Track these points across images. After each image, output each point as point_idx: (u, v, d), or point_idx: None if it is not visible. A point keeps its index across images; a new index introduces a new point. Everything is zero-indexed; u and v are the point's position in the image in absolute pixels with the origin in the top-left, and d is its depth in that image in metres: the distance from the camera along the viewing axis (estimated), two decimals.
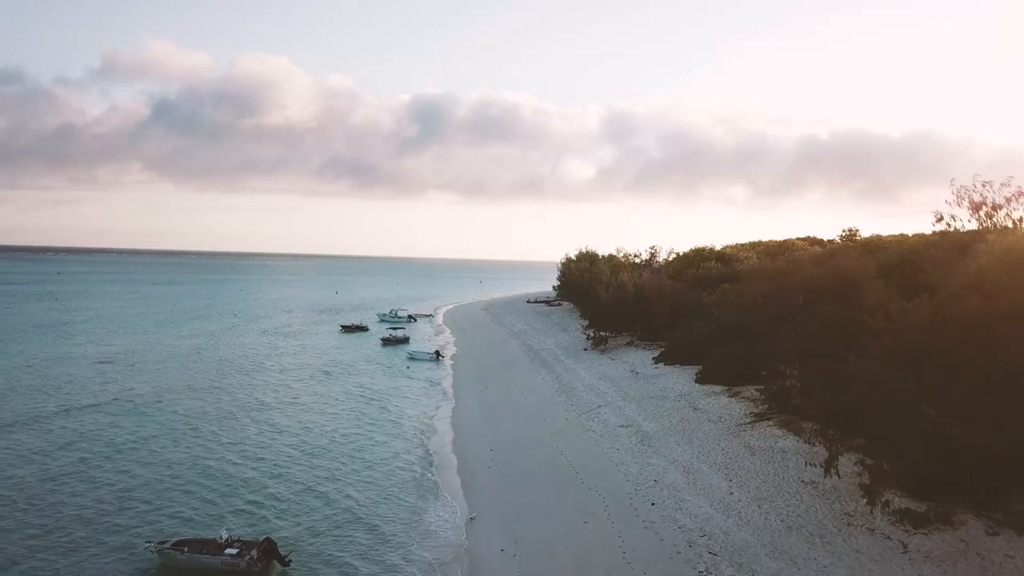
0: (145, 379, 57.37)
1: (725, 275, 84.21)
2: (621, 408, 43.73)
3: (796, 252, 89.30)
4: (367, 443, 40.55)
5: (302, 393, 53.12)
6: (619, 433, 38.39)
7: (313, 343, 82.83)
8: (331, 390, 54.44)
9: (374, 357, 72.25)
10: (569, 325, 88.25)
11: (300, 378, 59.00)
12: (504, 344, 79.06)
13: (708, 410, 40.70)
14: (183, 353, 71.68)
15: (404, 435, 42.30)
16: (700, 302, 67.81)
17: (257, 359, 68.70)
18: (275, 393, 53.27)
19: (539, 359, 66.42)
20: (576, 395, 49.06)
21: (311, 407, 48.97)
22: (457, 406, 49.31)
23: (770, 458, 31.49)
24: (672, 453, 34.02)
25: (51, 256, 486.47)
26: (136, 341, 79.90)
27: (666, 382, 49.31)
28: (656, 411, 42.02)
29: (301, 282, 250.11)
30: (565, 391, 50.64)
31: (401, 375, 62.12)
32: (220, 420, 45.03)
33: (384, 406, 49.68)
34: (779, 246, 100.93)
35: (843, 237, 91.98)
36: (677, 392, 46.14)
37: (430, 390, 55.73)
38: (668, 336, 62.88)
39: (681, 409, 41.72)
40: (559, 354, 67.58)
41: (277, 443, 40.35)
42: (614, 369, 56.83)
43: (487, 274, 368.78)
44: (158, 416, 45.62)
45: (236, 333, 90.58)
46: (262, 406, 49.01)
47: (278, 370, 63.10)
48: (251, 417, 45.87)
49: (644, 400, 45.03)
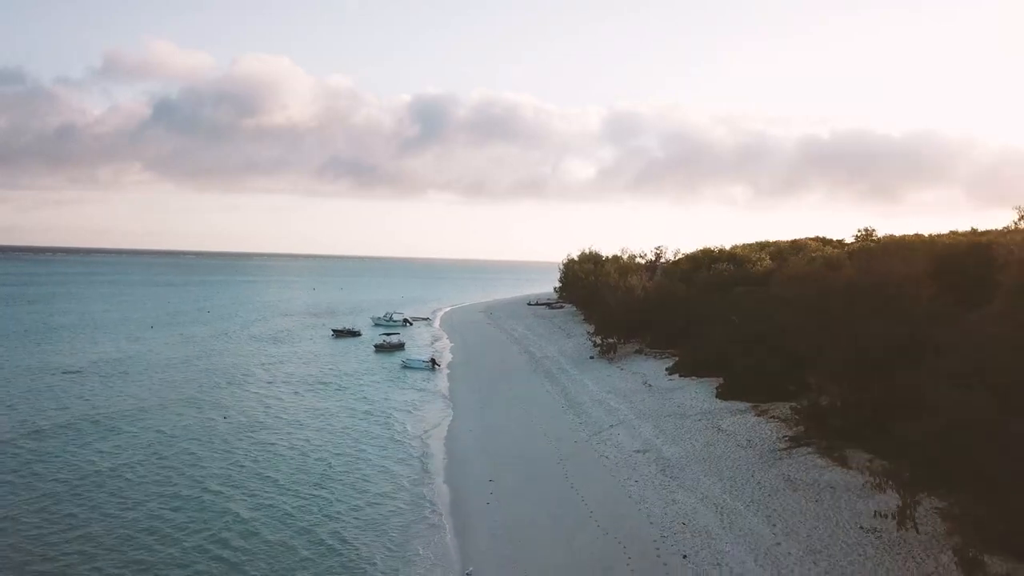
0: (113, 393, 52.74)
1: (738, 277, 79.94)
2: (636, 428, 39.13)
3: (813, 253, 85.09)
4: (349, 472, 35.92)
5: (281, 411, 48.47)
6: (636, 460, 33.78)
7: (302, 350, 78.18)
8: (314, 406, 49.76)
9: (365, 366, 67.63)
10: (573, 330, 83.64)
11: (280, 394, 54.28)
12: (504, 351, 74.47)
13: (735, 431, 36.11)
14: (161, 362, 67.09)
15: (392, 461, 37.66)
16: (714, 307, 63.34)
17: (241, 369, 64.09)
18: (251, 411, 48.67)
19: (542, 368, 61.82)
20: (584, 412, 44.45)
21: (290, 427, 44.33)
22: (453, 424, 44.71)
23: (816, 495, 26.90)
24: (700, 486, 29.43)
25: (49, 256, 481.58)
26: (113, 348, 75.27)
27: (683, 397, 44.72)
28: (676, 432, 37.43)
29: (299, 283, 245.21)
30: (572, 407, 46.03)
31: (393, 387, 57.52)
32: (193, 442, 40.43)
33: (371, 426, 45.06)
34: (791, 246, 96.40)
35: (859, 237, 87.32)
36: (697, 409, 41.56)
37: (424, 405, 51.13)
38: (681, 344, 58.33)
39: (704, 430, 37.13)
40: (563, 363, 62.98)
41: (246, 469, 35.75)
42: (624, 381, 52.24)
43: (487, 275, 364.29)
44: (123, 438, 41.01)
45: (223, 339, 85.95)
46: (239, 427, 44.44)
47: (261, 382, 58.48)
48: (226, 439, 41.30)
49: (661, 418, 40.45)
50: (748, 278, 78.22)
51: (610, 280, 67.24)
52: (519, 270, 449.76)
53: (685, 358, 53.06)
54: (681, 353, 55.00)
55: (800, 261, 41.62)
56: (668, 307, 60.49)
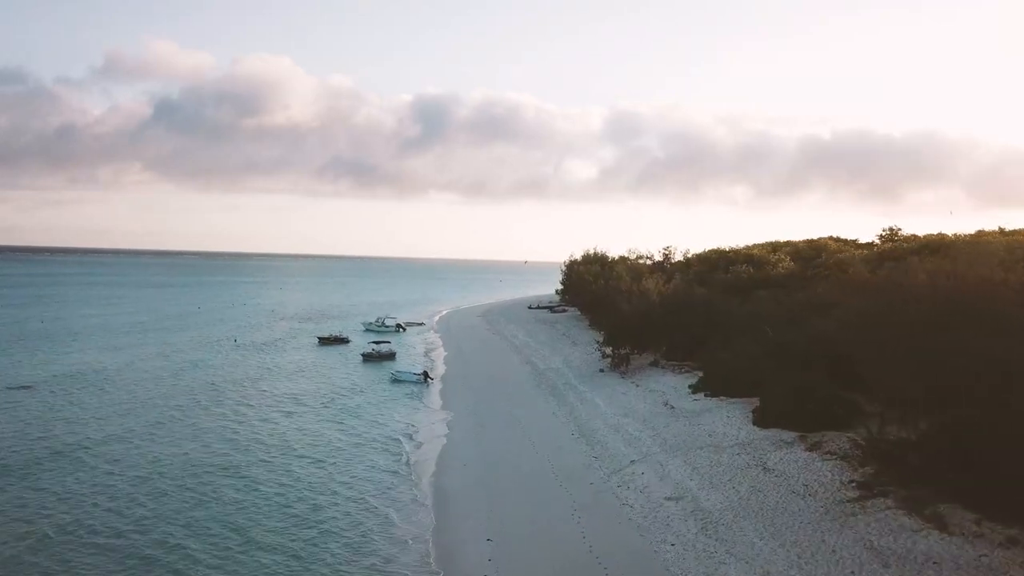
0: (62, 417, 46.22)
1: (757, 280, 73.47)
2: (663, 465, 32.71)
3: (839, 254, 78.58)
4: (315, 525, 29.46)
5: (246, 442, 41.83)
6: (669, 512, 27.38)
7: (284, 361, 71.66)
8: (284, 437, 42.88)
9: (350, 380, 61.12)
10: (578, 337, 77.21)
11: (250, 418, 47.46)
12: (505, 361, 68.05)
13: (786, 472, 29.71)
14: (127, 378, 60.65)
15: (367, 513, 31.17)
16: (737, 314, 56.95)
17: (213, 387, 57.49)
18: (212, 442, 42.20)
19: (547, 383, 55.39)
20: (599, 441, 38.03)
21: (250, 467, 37.83)
22: (444, 455, 38.26)
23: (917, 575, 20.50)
24: (756, 554, 23.03)
25: (48, 257, 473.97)
26: (80, 359, 68.83)
27: (714, 422, 38.32)
28: (712, 471, 31.03)
29: (296, 284, 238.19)
30: (584, 434, 39.61)
31: (379, 406, 51.02)
32: (148, 483, 33.99)
33: (351, 456, 38.58)
34: (808, 246, 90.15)
35: (884, 237, 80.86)
36: (733, 439, 35.16)
37: (412, 428, 44.69)
38: (702, 356, 51.96)
39: (747, 469, 30.72)
40: (570, 377, 56.54)
41: (209, 517, 29.33)
42: (641, 400, 45.85)
43: (487, 275, 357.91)
44: (64, 478, 34.56)
45: (203, 348, 79.38)
46: (196, 465, 38.05)
47: (232, 402, 51.87)
48: (184, 476, 34.95)
49: (691, 451, 34.04)
50: (768, 281, 72.09)
51: (622, 284, 60.78)
52: (519, 270, 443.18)
53: (711, 374, 46.61)
54: (706, 368, 48.57)
55: (858, 265, 34.88)
56: (687, 314, 54.06)
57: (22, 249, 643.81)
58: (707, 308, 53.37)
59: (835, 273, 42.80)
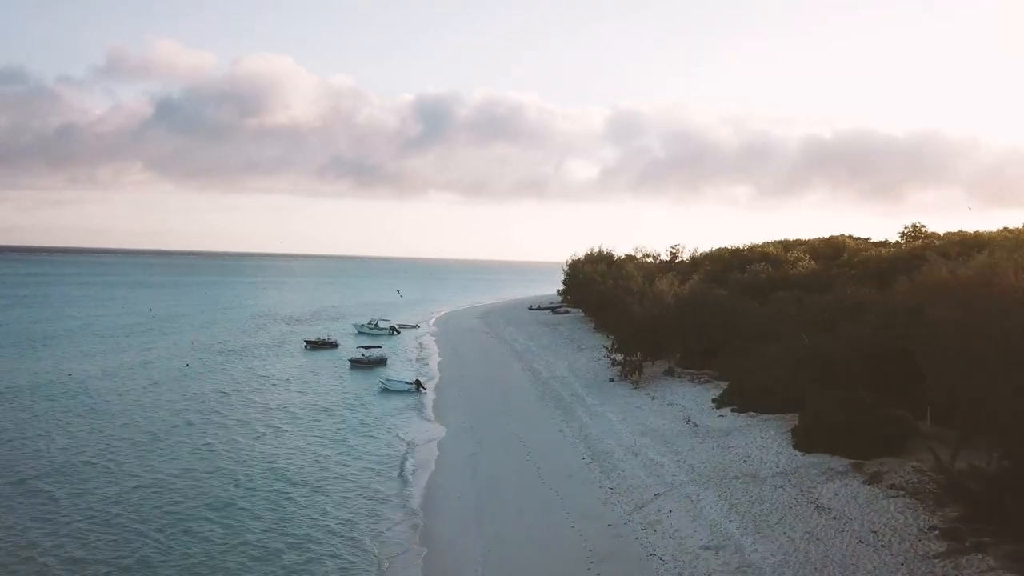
0: (15, 439, 41.02)
1: (776, 280, 68.36)
2: (694, 501, 27.55)
3: (865, 252, 73.39)
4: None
5: (206, 471, 36.61)
6: (708, 566, 22.23)
7: (267, 368, 66.40)
8: (249, 463, 37.54)
9: (335, 390, 55.83)
10: (584, 340, 72.05)
11: (214, 441, 42.28)
12: (505, 368, 62.86)
13: (845, 512, 24.56)
14: (95, 388, 55.55)
15: (344, 570, 26.00)
16: (760, 317, 51.80)
17: (186, 401, 52.13)
18: (167, 472, 37.08)
19: (552, 394, 50.21)
20: (615, 467, 32.86)
21: (198, 504, 32.66)
22: (434, 485, 33.04)
23: None
24: None
25: (45, 257, 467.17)
26: (47, 368, 63.59)
27: (747, 444, 33.17)
28: (754, 510, 25.87)
29: (294, 284, 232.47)
30: (597, 458, 34.44)
31: (365, 422, 45.77)
32: (102, 518, 28.87)
33: (324, 494, 33.27)
34: (826, 244, 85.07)
35: (908, 235, 75.58)
36: (772, 466, 30.02)
37: (400, 452, 39.47)
38: (725, 365, 46.86)
39: (796, 507, 25.57)
40: (577, 387, 51.35)
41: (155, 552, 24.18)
42: (660, 416, 40.70)
43: (487, 275, 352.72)
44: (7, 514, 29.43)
45: (184, 354, 73.99)
46: (149, 499, 32.92)
47: (202, 419, 46.59)
48: (149, 508, 29.88)
49: (725, 483, 28.88)
50: (787, 281, 66.94)
51: (633, 284, 55.55)
52: (519, 270, 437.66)
53: (737, 386, 41.43)
54: (730, 379, 43.41)
55: (939, 264, 29.54)
56: (706, 318, 48.87)
57: (22, 249, 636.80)
58: (729, 311, 48.12)
59: (910, 272, 37.44)
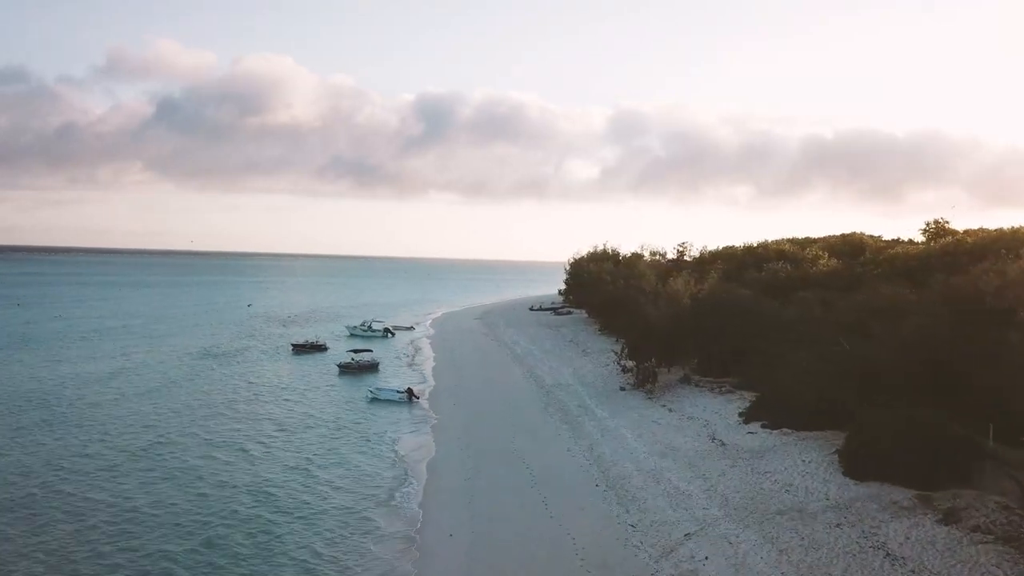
0: None
1: (796, 279, 63.72)
2: (732, 544, 22.93)
3: (892, 250, 68.86)
4: None
5: (186, 485, 32.03)
6: None
7: (248, 373, 61.66)
8: (229, 480, 33.16)
9: (320, 400, 51.05)
10: (589, 344, 67.43)
11: (172, 463, 37.59)
12: (505, 375, 58.20)
13: (924, 564, 19.98)
14: (62, 397, 50.97)
15: None
16: (781, 318, 47.20)
17: (155, 412, 47.52)
18: (99, 505, 32.44)
19: (556, 404, 45.55)
20: (634, 496, 28.21)
21: (187, 526, 28.02)
22: (426, 518, 28.38)
23: None
24: None
25: (42, 257, 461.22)
26: (13, 375, 58.88)
27: (787, 469, 28.58)
28: (808, 558, 21.28)
29: (292, 284, 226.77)
30: (613, 485, 29.78)
31: (348, 439, 40.94)
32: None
33: (306, 519, 28.66)
34: (842, 241, 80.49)
35: (929, 232, 70.73)
36: (821, 497, 25.44)
37: (388, 470, 34.84)
38: (749, 373, 42.28)
39: (861, 555, 20.97)
40: (585, 396, 46.71)
41: None
42: (680, 431, 36.06)
43: (487, 275, 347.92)
44: None
45: (164, 359, 69.23)
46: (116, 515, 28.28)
47: (164, 436, 41.91)
48: (100, 560, 25.20)
49: (767, 520, 24.26)
50: (808, 280, 62.38)
51: (645, 284, 50.85)
52: (520, 270, 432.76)
53: (767, 398, 36.78)
54: (757, 388, 38.79)
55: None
56: (727, 320, 44.27)
57: (22, 249, 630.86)
58: (752, 313, 43.51)
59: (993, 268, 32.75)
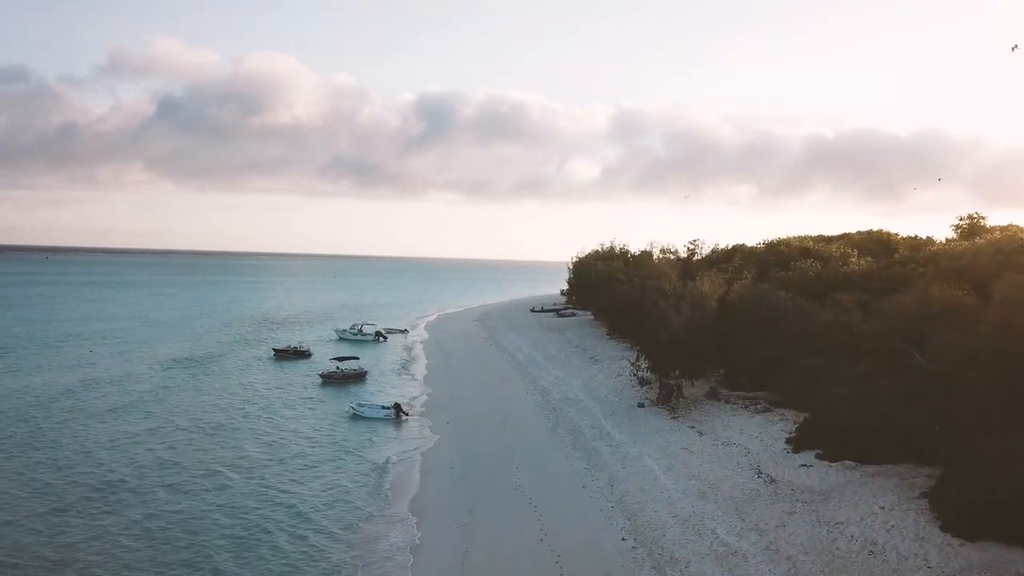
0: None
1: (828, 280, 57.62)
2: None
3: (931, 248, 62.84)
4: None
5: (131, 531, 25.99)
6: None
7: (221, 384, 55.52)
8: (174, 531, 27.18)
9: (295, 418, 44.73)
10: (598, 350, 61.45)
11: (107, 503, 31.77)
12: (505, 385, 52.17)
13: None
14: (6, 409, 44.90)
15: None
16: (825, 325, 41.27)
17: (117, 422, 41.86)
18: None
19: (567, 425, 39.51)
20: (672, 555, 22.19)
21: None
22: None
23: None
24: None
25: (38, 256, 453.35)
26: None
27: (861, 518, 22.61)
28: None
29: (289, 284, 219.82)
30: (643, 539, 23.74)
31: (322, 470, 34.91)
32: None
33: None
34: (867, 238, 74.43)
35: (962, 229, 64.42)
36: (918, 563, 19.53)
37: (366, 512, 28.85)
38: (787, 387, 36.37)
39: None
40: (598, 415, 40.67)
41: None
42: (716, 462, 30.08)
43: (487, 275, 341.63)
44: None
45: (130, 366, 63.19)
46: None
47: (112, 459, 36.00)
48: None
49: None
50: (840, 280, 56.38)
51: (666, 284, 44.74)
52: (521, 270, 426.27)
53: (819, 420, 30.72)
54: (802, 405, 32.80)
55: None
56: (764, 326, 38.32)
57: (22, 248, 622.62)
58: (794, 319, 37.55)
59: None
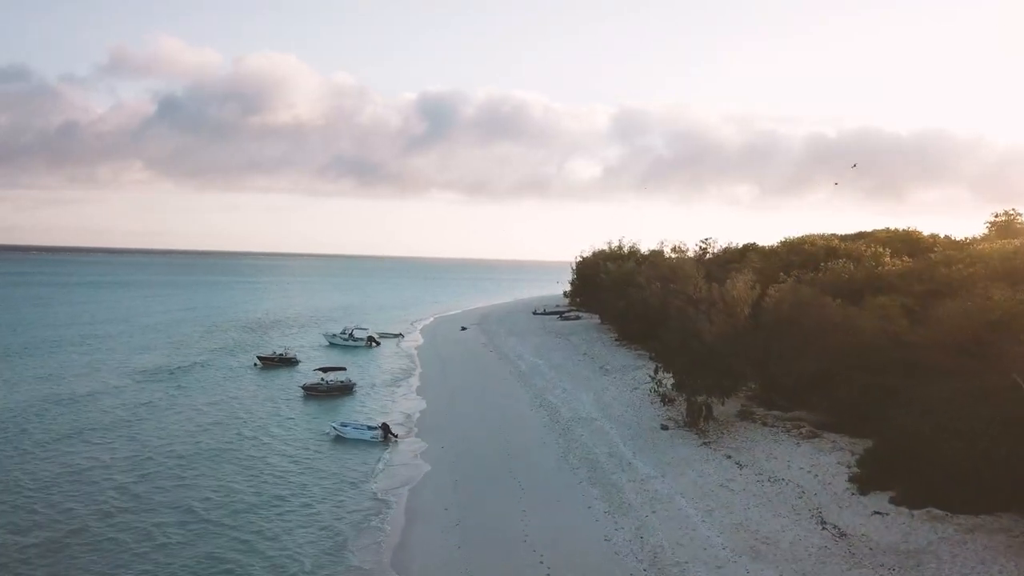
0: None
1: (861, 282, 52.38)
2: None
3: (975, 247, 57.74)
4: None
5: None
6: None
7: (197, 396, 50.18)
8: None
9: (273, 440, 39.23)
10: (608, 359, 56.20)
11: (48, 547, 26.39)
12: (508, 400, 46.85)
13: None
14: None
15: None
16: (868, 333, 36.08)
17: (81, 446, 36.59)
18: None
19: (580, 453, 34.13)
20: None
21: None
22: None
23: None
24: None
25: (36, 256, 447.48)
26: None
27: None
28: None
29: (288, 284, 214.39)
30: None
31: (299, 499, 29.75)
32: None
33: None
34: (894, 236, 69.14)
35: (997, 225, 59.15)
36: None
37: (344, 569, 23.58)
38: (837, 408, 31.23)
39: None
40: (616, 439, 35.31)
41: None
42: (768, 506, 24.82)
43: (487, 275, 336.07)
44: None
45: (104, 375, 57.90)
46: None
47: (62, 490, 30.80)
48: None
49: None
50: (880, 282, 51.13)
51: (692, 289, 39.34)
52: (521, 270, 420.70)
53: (887, 452, 25.46)
54: (859, 430, 27.59)
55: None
56: (809, 336, 33.12)
57: (21, 248, 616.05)
58: (845, 328, 32.37)
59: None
